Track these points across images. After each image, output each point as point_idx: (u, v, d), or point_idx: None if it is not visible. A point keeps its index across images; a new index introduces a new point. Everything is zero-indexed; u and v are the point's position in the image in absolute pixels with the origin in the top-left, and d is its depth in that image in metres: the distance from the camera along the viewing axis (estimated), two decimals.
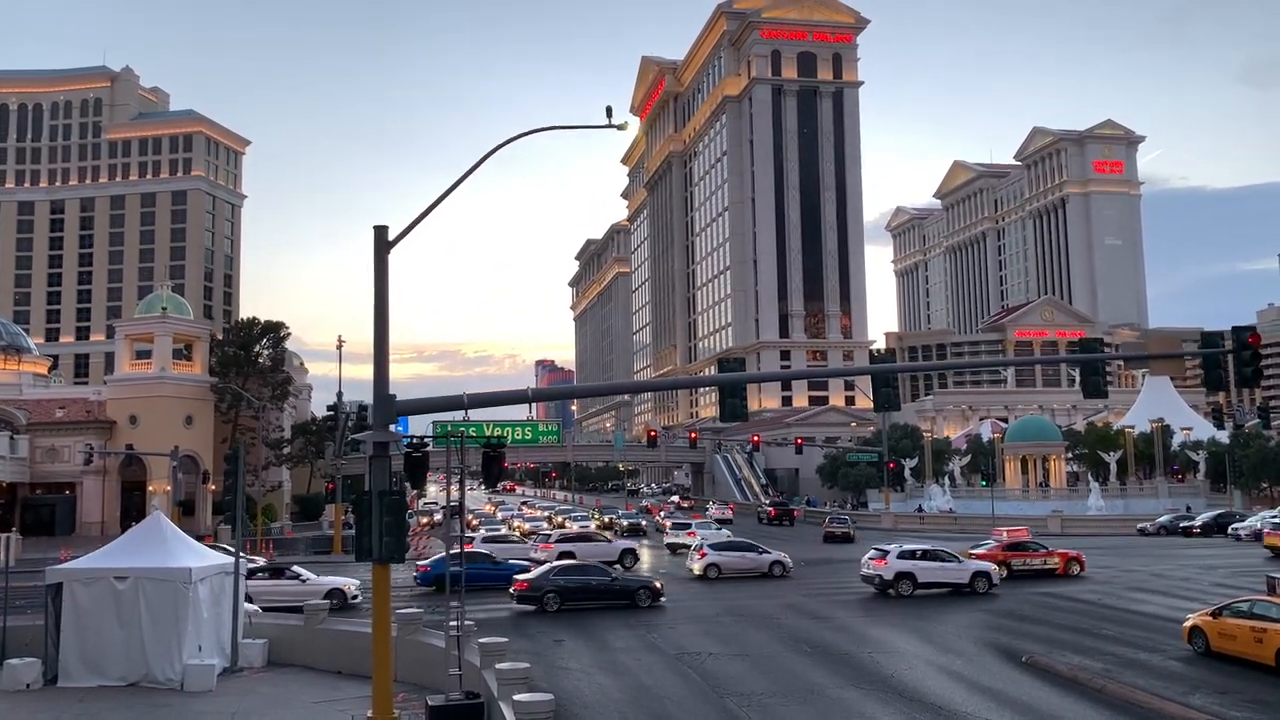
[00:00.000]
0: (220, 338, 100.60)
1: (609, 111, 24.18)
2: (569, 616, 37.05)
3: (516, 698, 16.33)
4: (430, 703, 20.27)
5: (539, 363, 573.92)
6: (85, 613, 24.87)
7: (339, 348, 67.45)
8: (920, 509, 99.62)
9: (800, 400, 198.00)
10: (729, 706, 23.28)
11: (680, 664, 28.12)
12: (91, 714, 22.19)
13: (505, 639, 22.77)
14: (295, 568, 42.35)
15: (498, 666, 19.49)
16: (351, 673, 25.89)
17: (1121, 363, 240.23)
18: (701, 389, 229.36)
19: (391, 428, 22.87)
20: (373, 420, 22.63)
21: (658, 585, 40.45)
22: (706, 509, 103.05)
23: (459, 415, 23.70)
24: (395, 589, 43.48)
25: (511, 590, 39.05)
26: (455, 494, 21.65)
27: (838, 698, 24.07)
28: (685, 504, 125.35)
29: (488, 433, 22.91)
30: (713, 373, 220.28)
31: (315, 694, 24.39)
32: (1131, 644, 30.26)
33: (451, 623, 22.54)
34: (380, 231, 22.95)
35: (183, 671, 24.51)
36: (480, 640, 22.48)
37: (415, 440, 21.74)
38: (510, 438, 24.67)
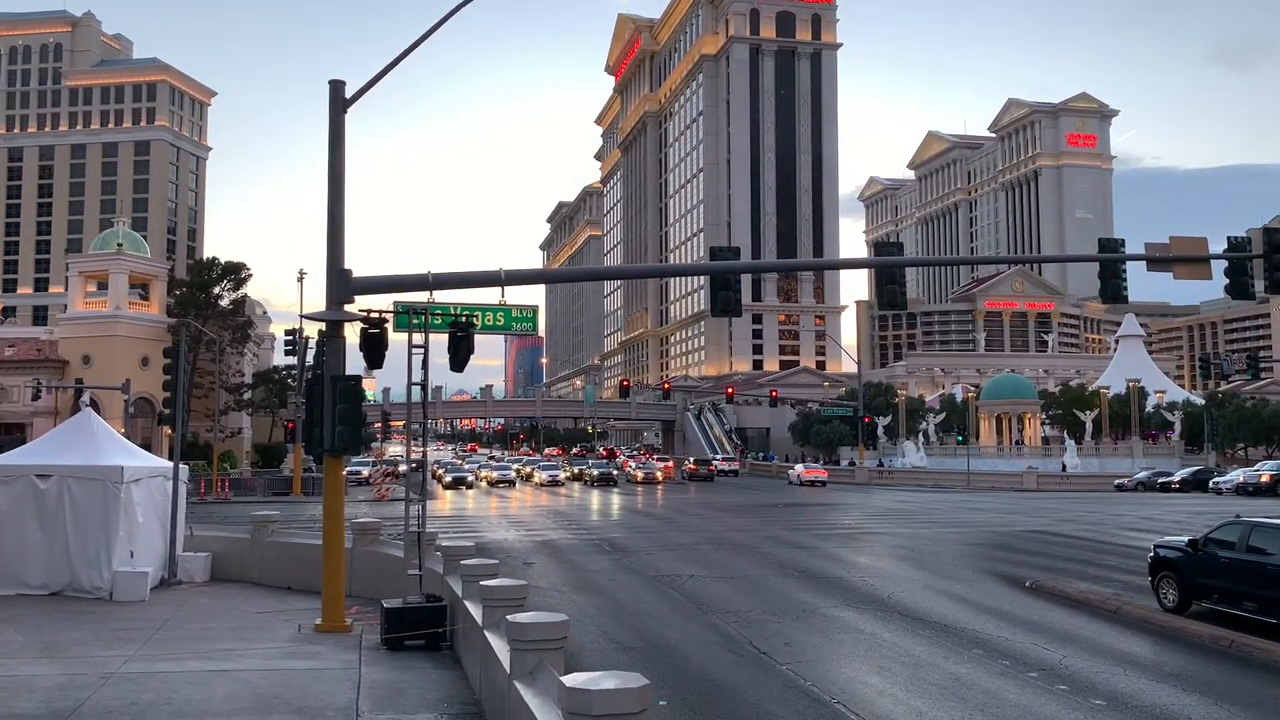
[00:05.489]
0: (179, 279, 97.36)
1: None
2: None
3: (485, 583, 14.16)
4: (386, 605, 18.08)
5: None
6: (3, 515, 22.35)
7: (300, 280, 64.94)
8: (880, 464, 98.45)
9: (771, 364, 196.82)
10: (716, 623, 21.31)
11: (660, 584, 26.13)
12: (4, 619, 19.83)
13: (470, 544, 20.61)
14: None
15: (463, 563, 17.29)
16: (303, 588, 23.64)
17: (1092, 331, 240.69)
18: (676, 351, 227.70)
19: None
20: (326, 298, 20.36)
21: None
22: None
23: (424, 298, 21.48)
24: None
25: None
26: (418, 376, 19.38)
27: (832, 615, 22.16)
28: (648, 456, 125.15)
29: (454, 314, 20.61)
30: (689, 330, 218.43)
31: (259, 605, 22.16)
32: (1137, 573, 28.37)
33: (412, 523, 20.40)
34: (336, 87, 20.58)
35: (112, 580, 22.15)
36: (443, 544, 20.31)
37: (373, 315, 19.44)
38: (481, 322, 22.49)
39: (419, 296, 21.54)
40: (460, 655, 16.88)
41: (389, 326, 20.05)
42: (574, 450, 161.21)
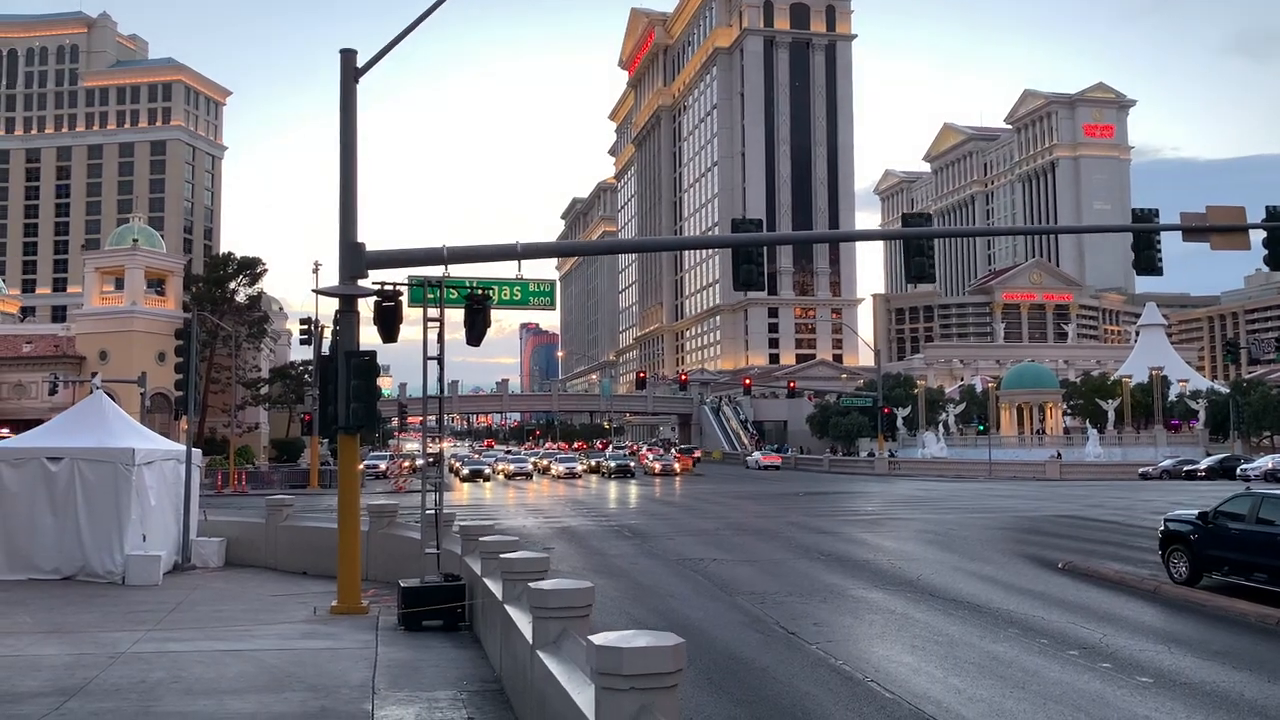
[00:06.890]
0: (195, 275, 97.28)
1: None
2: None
3: (505, 556, 13.63)
4: (403, 584, 17.58)
5: (523, 325, 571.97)
6: (13, 498, 21.95)
7: (315, 271, 64.62)
8: (891, 455, 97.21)
9: (788, 358, 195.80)
10: (741, 604, 20.74)
11: (682, 568, 25.57)
12: (14, 602, 19.41)
13: (490, 522, 20.08)
14: None
15: (483, 539, 16.76)
16: (319, 573, 23.20)
17: (1111, 323, 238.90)
18: (692, 346, 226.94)
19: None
20: (340, 272, 19.86)
21: None
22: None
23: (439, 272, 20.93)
24: None
25: None
26: (433, 347, 18.83)
27: (861, 597, 21.56)
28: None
29: (470, 287, 20.08)
30: (705, 324, 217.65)
31: (274, 589, 21.72)
32: None
33: (429, 507, 19.88)
34: (348, 56, 20.06)
35: (124, 563, 21.71)
36: (461, 523, 19.79)
37: (386, 288, 18.93)
38: (498, 296, 21.94)
39: (434, 272, 21.03)
40: (480, 635, 16.38)
41: (404, 300, 19.55)
42: (575, 445, 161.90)
